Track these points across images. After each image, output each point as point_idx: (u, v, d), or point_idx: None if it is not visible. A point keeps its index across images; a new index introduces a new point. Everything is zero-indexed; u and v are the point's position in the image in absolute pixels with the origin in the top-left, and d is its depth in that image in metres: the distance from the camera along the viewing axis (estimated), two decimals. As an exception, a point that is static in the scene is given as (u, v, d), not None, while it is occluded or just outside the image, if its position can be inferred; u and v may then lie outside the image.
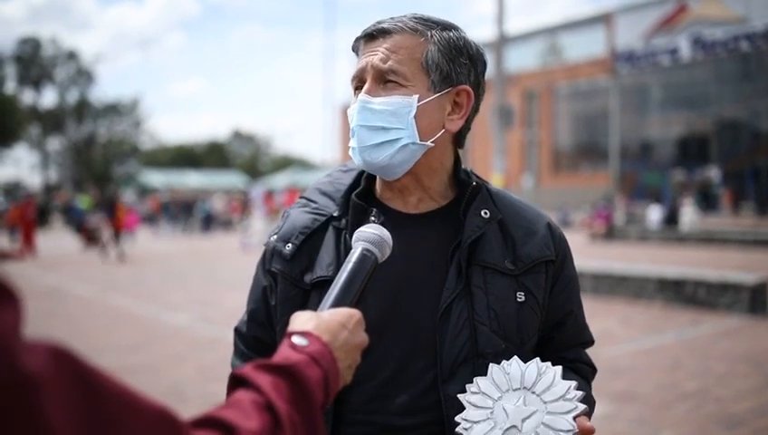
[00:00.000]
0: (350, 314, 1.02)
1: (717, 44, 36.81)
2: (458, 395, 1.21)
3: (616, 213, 24.98)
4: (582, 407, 1.15)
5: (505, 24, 18.38)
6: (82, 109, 57.26)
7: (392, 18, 1.31)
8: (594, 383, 1.46)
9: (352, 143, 1.30)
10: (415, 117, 1.27)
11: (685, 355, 6.88)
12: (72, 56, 57.26)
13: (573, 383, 1.18)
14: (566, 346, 1.41)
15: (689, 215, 22.98)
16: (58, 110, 55.65)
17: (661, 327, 8.30)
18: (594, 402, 1.42)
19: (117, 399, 0.62)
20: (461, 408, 1.22)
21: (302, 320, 0.99)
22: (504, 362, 1.22)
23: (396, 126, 1.27)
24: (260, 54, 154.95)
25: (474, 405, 1.19)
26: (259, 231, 21.17)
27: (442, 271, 1.30)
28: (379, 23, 1.31)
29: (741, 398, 5.44)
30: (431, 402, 1.23)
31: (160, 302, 10.63)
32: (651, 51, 39.27)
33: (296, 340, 0.94)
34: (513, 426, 1.15)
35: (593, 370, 1.45)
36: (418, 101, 1.27)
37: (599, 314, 8.65)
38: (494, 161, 17.47)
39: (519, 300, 1.29)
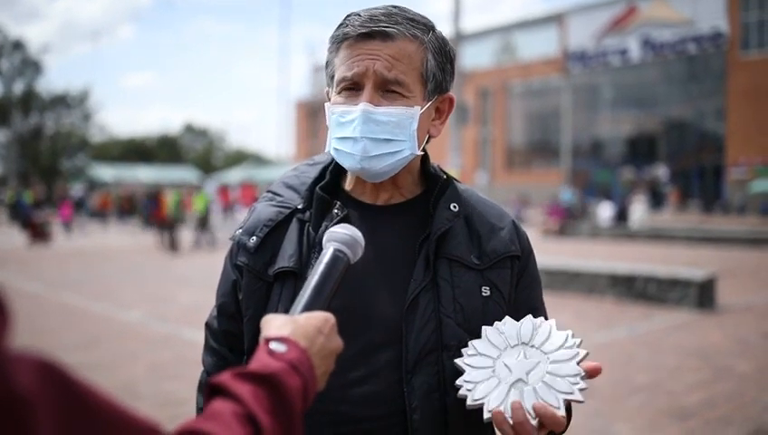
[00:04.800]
0: (326, 318, 1.00)
1: (666, 46, 37.74)
2: (455, 360, 1.21)
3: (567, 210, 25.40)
4: (584, 352, 1.16)
5: (461, 22, 18.50)
6: (29, 100, 55.43)
7: (382, 15, 1.26)
8: None
9: (350, 149, 1.26)
10: (416, 128, 1.28)
11: (637, 349, 7.04)
12: (18, 46, 55.48)
13: (569, 332, 1.19)
14: None
15: (639, 212, 23.49)
16: (3, 101, 53.76)
17: (613, 322, 8.47)
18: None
19: (105, 413, 0.61)
20: (424, 398, 1.22)
21: (277, 324, 0.96)
22: (496, 322, 1.23)
23: (399, 138, 1.26)
24: (214, 48, 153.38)
25: (473, 367, 1.19)
26: (213, 227, 20.91)
27: (409, 263, 1.29)
28: (373, 20, 1.25)
29: (691, 390, 5.58)
30: (394, 393, 1.22)
31: (112, 299, 10.41)
32: (602, 51, 40.07)
33: (274, 346, 0.91)
34: (519, 380, 1.16)
35: None
36: (419, 112, 1.28)
37: (552, 309, 8.59)
38: (450, 158, 17.59)
39: (484, 294, 1.29)
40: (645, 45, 38.36)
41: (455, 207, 1.33)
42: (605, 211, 24.76)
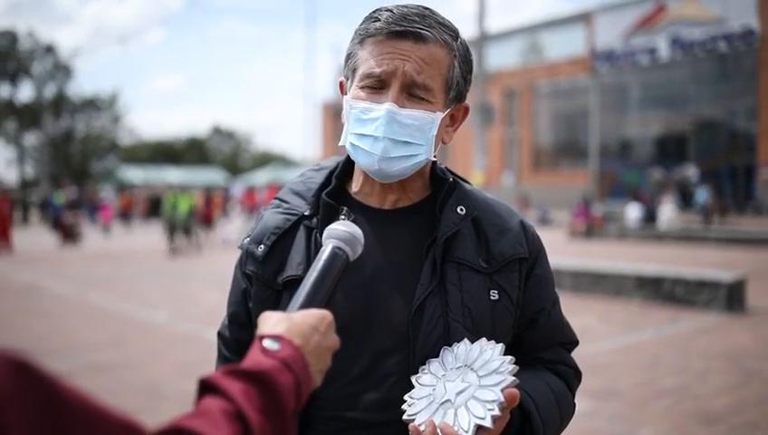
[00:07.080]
0: (322, 315, 0.99)
1: (695, 44, 37.18)
2: (411, 377, 1.22)
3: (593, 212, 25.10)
4: (511, 379, 1.16)
5: (486, 22, 18.43)
6: (60, 103, 56.26)
7: (416, 15, 1.23)
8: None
9: (369, 148, 1.25)
10: (435, 134, 1.27)
11: (663, 352, 6.93)
12: (49, 50, 56.32)
13: (509, 358, 1.18)
14: (543, 345, 1.40)
15: (668, 213, 23.15)
16: (35, 104, 54.61)
17: (640, 324, 8.35)
18: (575, 405, 1.41)
19: (81, 412, 0.61)
20: None
21: (272, 322, 0.96)
22: (454, 343, 1.23)
23: (418, 141, 1.26)
24: (240, 50, 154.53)
25: (420, 384, 1.21)
26: (238, 228, 21.06)
27: (416, 267, 1.29)
28: (406, 19, 1.22)
29: (718, 394, 5.48)
30: (403, 398, 1.22)
31: (138, 299, 10.53)
32: (630, 50, 39.59)
33: (267, 344, 0.90)
34: (448, 400, 1.18)
35: (576, 372, 1.43)
36: (440, 118, 1.27)
37: (578, 312, 8.68)
38: (476, 159, 17.52)
39: (492, 298, 1.28)
40: (674, 44, 37.81)
41: (461, 210, 1.32)
42: (633, 212, 24.43)
